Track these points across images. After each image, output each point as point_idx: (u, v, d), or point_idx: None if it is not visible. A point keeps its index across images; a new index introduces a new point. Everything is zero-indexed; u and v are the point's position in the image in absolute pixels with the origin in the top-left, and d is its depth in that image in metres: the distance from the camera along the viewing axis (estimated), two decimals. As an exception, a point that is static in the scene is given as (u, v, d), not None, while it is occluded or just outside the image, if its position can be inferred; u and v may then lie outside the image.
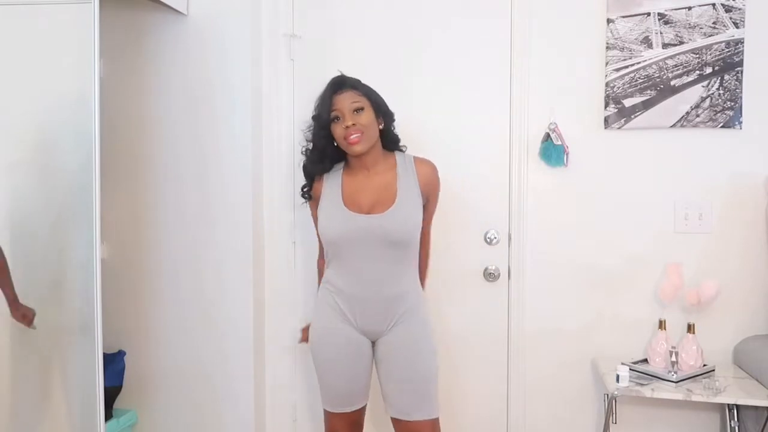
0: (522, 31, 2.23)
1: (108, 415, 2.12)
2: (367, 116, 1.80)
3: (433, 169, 1.89)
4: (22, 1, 1.81)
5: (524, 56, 2.24)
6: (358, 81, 1.87)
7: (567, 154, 2.23)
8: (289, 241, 2.38)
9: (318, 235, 1.93)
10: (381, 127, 1.86)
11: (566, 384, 2.30)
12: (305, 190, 1.93)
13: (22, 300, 1.80)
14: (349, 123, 1.77)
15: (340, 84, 1.84)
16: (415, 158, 1.90)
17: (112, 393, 2.20)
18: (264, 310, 2.33)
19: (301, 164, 1.93)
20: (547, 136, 2.23)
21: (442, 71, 2.30)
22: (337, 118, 1.80)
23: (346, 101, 1.80)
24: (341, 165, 1.91)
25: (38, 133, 1.84)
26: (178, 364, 2.31)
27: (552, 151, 2.22)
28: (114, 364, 2.23)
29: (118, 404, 2.27)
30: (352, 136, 1.77)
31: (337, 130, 1.80)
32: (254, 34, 2.23)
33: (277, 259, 2.35)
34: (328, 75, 2.37)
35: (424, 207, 1.86)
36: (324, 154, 1.87)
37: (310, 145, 1.89)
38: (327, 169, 1.89)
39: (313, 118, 1.86)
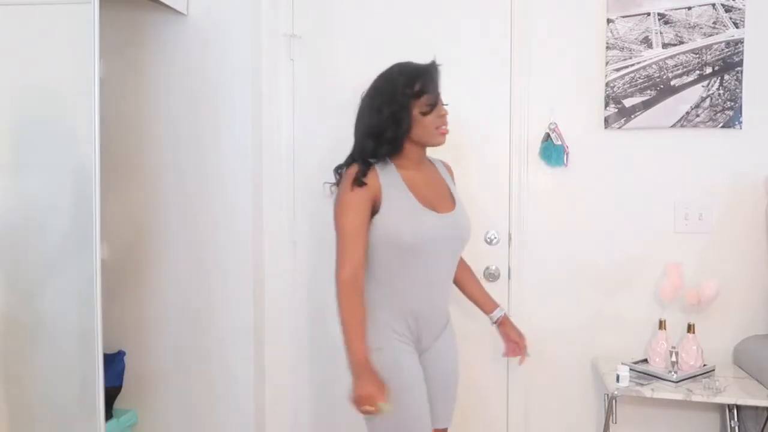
0: (522, 31, 2.23)
1: (108, 415, 2.12)
2: None
3: (452, 170, 1.89)
4: (22, 1, 1.81)
5: (524, 56, 2.24)
6: None
7: (567, 154, 2.23)
8: (289, 241, 2.38)
9: (347, 240, 1.60)
10: None
11: (566, 384, 2.30)
12: (360, 177, 1.61)
13: (22, 300, 1.81)
14: (444, 113, 1.68)
15: (438, 71, 1.71)
16: (441, 161, 1.86)
17: (112, 393, 2.20)
18: (264, 310, 2.33)
19: (364, 144, 1.67)
20: (547, 136, 2.23)
21: (442, 71, 2.29)
22: (436, 103, 1.67)
23: (437, 90, 1.69)
24: (387, 161, 1.68)
25: (38, 132, 1.84)
26: (178, 364, 2.31)
27: (552, 151, 2.22)
28: (114, 364, 2.23)
29: (118, 404, 2.26)
30: (443, 126, 1.67)
31: (430, 117, 1.64)
32: (254, 34, 2.23)
33: (277, 259, 2.35)
34: (328, 75, 2.38)
35: None
36: (402, 133, 1.65)
37: (378, 122, 1.65)
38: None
39: (413, 94, 1.63)
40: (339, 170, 1.71)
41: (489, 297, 1.94)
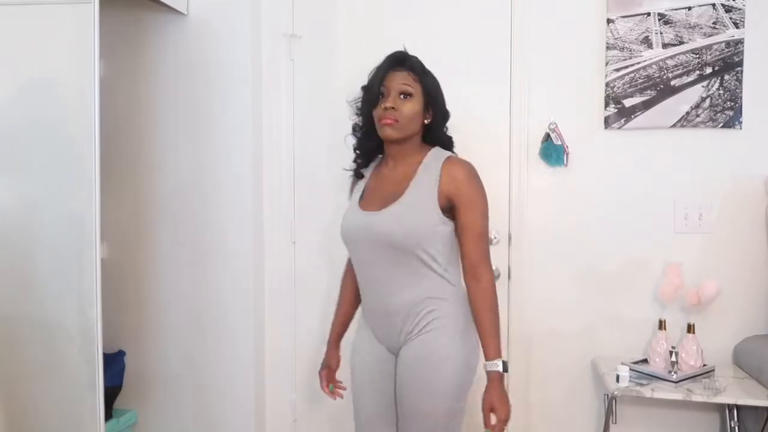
0: (522, 31, 2.23)
1: (108, 415, 2.12)
2: (412, 105, 1.62)
3: (463, 172, 1.62)
4: (22, 1, 1.80)
5: (524, 56, 2.24)
6: (422, 65, 1.68)
7: (567, 154, 2.23)
8: (289, 241, 2.38)
9: None
10: (427, 122, 1.67)
11: (566, 384, 2.30)
12: (357, 168, 1.75)
13: (22, 300, 1.81)
14: (389, 105, 1.59)
15: (400, 61, 1.66)
16: (449, 157, 1.65)
17: (112, 393, 2.20)
18: (264, 309, 2.33)
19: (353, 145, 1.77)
20: (547, 136, 2.23)
21: (442, 71, 2.28)
22: (382, 95, 1.62)
23: (397, 81, 1.62)
24: (378, 159, 1.76)
25: (38, 132, 1.84)
26: (178, 364, 2.31)
27: (552, 151, 2.22)
28: (114, 364, 2.23)
29: (118, 404, 2.27)
30: (385, 119, 1.60)
31: (376, 110, 1.63)
32: (254, 34, 2.23)
33: (277, 259, 2.35)
34: (328, 75, 2.38)
35: (456, 217, 1.60)
36: (371, 130, 1.68)
37: (360, 120, 1.73)
38: (375, 151, 1.73)
39: (363, 88, 1.68)
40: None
41: (485, 340, 1.57)
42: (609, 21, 2.19)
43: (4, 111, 1.83)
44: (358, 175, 1.76)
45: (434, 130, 1.70)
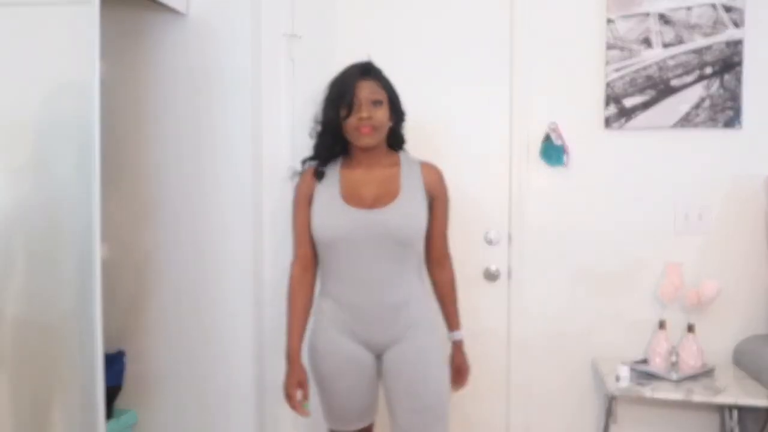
0: (522, 30, 2.23)
1: (108, 415, 2.12)
2: (383, 112, 1.72)
3: (439, 174, 1.82)
4: (22, 2, 1.80)
5: (524, 56, 2.24)
6: (382, 72, 1.78)
7: (567, 154, 2.23)
8: (289, 241, 2.38)
9: (294, 235, 1.84)
10: (391, 124, 1.77)
11: (566, 384, 2.30)
12: (319, 170, 1.81)
13: (22, 300, 1.81)
14: (365, 114, 1.68)
15: (367, 71, 1.74)
16: (421, 162, 1.82)
17: (112, 393, 2.20)
18: (264, 310, 2.33)
19: (313, 146, 1.84)
20: (547, 136, 2.23)
21: (442, 71, 2.30)
22: (352, 104, 1.70)
23: (366, 90, 1.70)
24: (338, 160, 1.82)
25: (38, 133, 1.84)
26: (178, 364, 2.31)
27: (552, 150, 2.22)
28: (114, 364, 2.23)
29: (118, 404, 2.26)
30: (363, 128, 1.69)
31: (350, 120, 1.70)
32: (254, 34, 2.23)
33: (277, 259, 2.35)
34: (328, 75, 2.37)
35: (431, 212, 1.78)
36: (337, 137, 1.76)
37: (319, 128, 1.80)
38: (338, 154, 1.81)
39: (330, 100, 1.75)
40: (303, 163, 1.88)
41: (453, 315, 1.89)
42: (609, 21, 2.19)
43: (3, 112, 1.83)
44: (319, 176, 1.80)
45: (394, 131, 1.82)
